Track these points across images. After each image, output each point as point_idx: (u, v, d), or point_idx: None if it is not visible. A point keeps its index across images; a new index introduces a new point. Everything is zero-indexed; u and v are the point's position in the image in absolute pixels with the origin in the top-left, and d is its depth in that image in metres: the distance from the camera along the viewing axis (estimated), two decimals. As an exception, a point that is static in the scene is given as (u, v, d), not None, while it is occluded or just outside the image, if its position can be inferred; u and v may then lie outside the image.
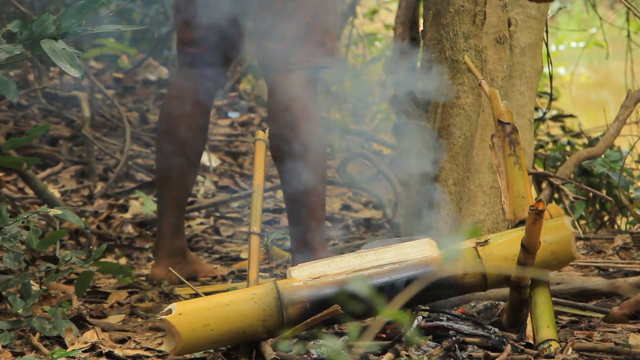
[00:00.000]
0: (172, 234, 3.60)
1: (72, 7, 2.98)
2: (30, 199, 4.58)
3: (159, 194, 3.63)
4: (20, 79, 5.83)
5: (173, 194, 3.58)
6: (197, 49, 3.53)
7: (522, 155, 2.87)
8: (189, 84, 3.56)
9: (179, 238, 3.62)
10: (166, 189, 3.58)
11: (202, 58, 3.53)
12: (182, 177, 3.58)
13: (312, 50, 3.37)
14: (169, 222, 3.59)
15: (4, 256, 3.12)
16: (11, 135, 5.09)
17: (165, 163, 3.57)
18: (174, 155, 3.56)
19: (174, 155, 3.56)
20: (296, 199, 3.35)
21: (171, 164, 3.56)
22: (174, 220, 3.60)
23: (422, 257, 2.68)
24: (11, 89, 2.92)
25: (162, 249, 3.60)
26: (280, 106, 3.33)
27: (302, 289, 2.60)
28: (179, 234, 3.62)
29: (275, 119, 3.34)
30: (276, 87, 3.36)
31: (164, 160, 3.57)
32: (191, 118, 3.56)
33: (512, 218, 2.83)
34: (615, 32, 6.72)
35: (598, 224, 4.72)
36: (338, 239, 4.32)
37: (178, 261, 3.63)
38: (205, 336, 2.54)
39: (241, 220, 4.67)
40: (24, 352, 2.86)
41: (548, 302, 2.69)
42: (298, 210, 3.37)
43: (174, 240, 3.61)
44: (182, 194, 3.60)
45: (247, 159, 5.65)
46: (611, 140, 4.22)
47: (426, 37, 3.40)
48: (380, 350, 2.57)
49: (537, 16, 3.64)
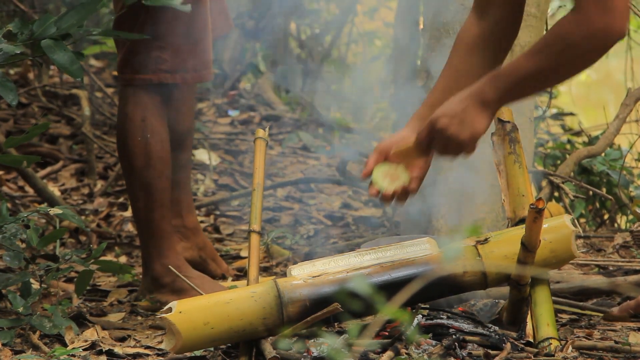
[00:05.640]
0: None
1: (73, 9, 2.98)
2: (30, 197, 4.58)
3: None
4: (20, 77, 5.83)
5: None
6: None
7: (522, 154, 2.87)
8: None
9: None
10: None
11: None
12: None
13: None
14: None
15: (4, 254, 3.12)
16: (11, 134, 5.09)
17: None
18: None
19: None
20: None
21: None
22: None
23: (422, 255, 2.68)
24: (10, 91, 2.92)
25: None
26: None
27: (302, 288, 2.60)
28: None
29: None
30: None
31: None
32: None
33: (512, 216, 2.83)
34: (615, 30, 6.70)
35: (598, 223, 4.72)
36: (338, 238, 4.32)
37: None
38: (205, 334, 2.54)
39: (241, 219, 4.67)
40: (24, 350, 2.87)
41: (548, 301, 2.69)
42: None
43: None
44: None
45: (247, 157, 5.64)
46: (611, 138, 4.22)
47: (426, 35, 3.40)
48: (380, 348, 2.57)
49: (537, 14, 3.64)
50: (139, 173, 3.40)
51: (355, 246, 3.89)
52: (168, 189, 3.43)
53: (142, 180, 3.40)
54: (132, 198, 3.47)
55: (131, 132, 3.40)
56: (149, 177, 3.39)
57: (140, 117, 3.39)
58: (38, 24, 3.00)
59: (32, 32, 3.00)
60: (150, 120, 3.38)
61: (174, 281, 3.39)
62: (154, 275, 3.41)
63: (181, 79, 3.37)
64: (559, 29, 2.36)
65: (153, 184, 3.39)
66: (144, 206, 3.41)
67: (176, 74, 3.36)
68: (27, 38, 2.99)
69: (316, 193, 5.11)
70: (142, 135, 3.38)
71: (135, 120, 3.39)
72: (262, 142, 2.90)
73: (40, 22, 3.00)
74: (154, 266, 3.40)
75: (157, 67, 3.35)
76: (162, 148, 3.40)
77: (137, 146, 3.38)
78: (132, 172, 3.41)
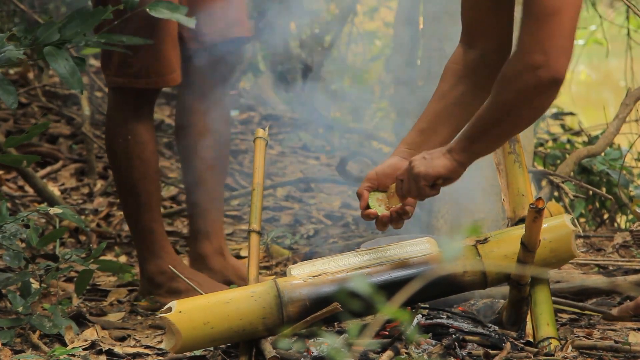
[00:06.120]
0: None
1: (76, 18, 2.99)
2: (30, 197, 4.58)
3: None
4: (20, 77, 5.83)
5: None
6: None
7: (522, 153, 2.87)
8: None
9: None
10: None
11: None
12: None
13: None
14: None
15: (4, 254, 3.12)
16: (11, 133, 5.09)
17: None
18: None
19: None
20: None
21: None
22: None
23: (422, 255, 2.68)
24: (10, 94, 2.92)
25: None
26: None
27: (302, 287, 2.60)
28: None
29: None
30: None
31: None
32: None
33: (512, 216, 2.83)
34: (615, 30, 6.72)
35: (598, 222, 4.72)
36: (338, 237, 4.32)
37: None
38: (205, 334, 2.54)
39: (241, 218, 4.67)
40: (23, 349, 2.86)
41: (548, 300, 2.69)
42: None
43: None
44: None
45: (246, 157, 5.65)
46: (611, 138, 4.22)
47: (426, 35, 3.40)
48: (380, 348, 2.57)
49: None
50: (123, 174, 3.44)
51: (355, 246, 3.89)
52: (155, 191, 3.44)
53: (127, 182, 3.43)
54: (121, 200, 3.51)
55: (111, 133, 3.44)
56: (133, 178, 3.42)
57: (120, 118, 3.42)
58: (42, 30, 3.01)
59: (36, 38, 3.01)
60: (130, 122, 3.41)
61: (170, 280, 3.40)
62: (148, 275, 3.43)
63: (145, 84, 3.38)
64: (503, 69, 2.40)
65: (137, 185, 3.41)
66: (132, 208, 3.44)
67: (140, 78, 3.38)
68: (31, 43, 3.00)
69: (316, 193, 5.12)
70: (123, 137, 3.41)
71: (116, 121, 3.43)
72: (262, 141, 2.90)
73: (44, 28, 3.01)
74: (147, 267, 3.43)
75: (125, 71, 3.37)
76: (144, 149, 3.41)
77: (119, 147, 3.42)
78: (117, 173, 3.46)
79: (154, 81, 3.39)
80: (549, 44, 2.33)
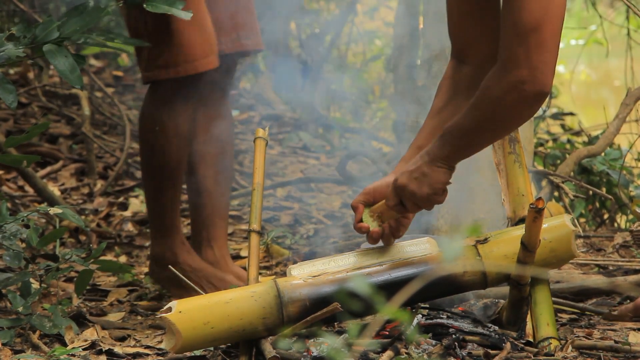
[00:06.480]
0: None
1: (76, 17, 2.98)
2: (30, 197, 4.58)
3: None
4: (20, 76, 5.83)
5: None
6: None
7: (522, 153, 2.87)
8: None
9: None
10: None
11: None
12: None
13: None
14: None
15: (4, 254, 3.12)
16: (11, 133, 5.09)
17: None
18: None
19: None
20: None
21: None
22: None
23: (422, 255, 2.68)
24: (10, 93, 2.92)
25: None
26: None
27: (302, 287, 2.60)
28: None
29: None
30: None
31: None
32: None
33: (512, 216, 2.83)
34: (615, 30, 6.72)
35: (598, 222, 4.72)
36: (338, 237, 4.32)
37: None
38: (205, 334, 2.54)
39: (241, 218, 4.67)
40: (23, 349, 2.86)
41: (548, 300, 2.69)
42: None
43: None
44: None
45: (247, 156, 5.64)
46: (611, 138, 4.22)
47: (426, 35, 3.40)
48: (380, 348, 2.57)
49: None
50: (157, 150, 3.45)
51: (355, 246, 3.89)
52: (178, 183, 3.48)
53: (161, 160, 3.45)
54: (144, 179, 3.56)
55: (142, 124, 3.47)
56: (166, 155, 3.45)
57: (149, 112, 3.45)
58: (41, 28, 3.01)
59: (35, 36, 3.01)
60: (160, 115, 3.43)
61: (175, 264, 3.41)
62: (154, 254, 3.46)
63: (174, 73, 3.37)
64: (484, 83, 2.42)
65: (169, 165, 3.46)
66: (153, 188, 3.48)
67: (169, 68, 3.37)
68: (30, 42, 3.00)
69: (316, 193, 5.12)
70: (152, 130, 3.43)
71: (147, 114, 3.46)
72: (262, 141, 2.90)
73: (43, 26, 3.01)
74: (154, 244, 3.48)
75: (153, 64, 3.36)
76: (168, 142, 3.42)
77: (146, 140, 3.45)
78: (148, 147, 3.47)
79: (183, 69, 3.38)
80: (534, 59, 2.34)
